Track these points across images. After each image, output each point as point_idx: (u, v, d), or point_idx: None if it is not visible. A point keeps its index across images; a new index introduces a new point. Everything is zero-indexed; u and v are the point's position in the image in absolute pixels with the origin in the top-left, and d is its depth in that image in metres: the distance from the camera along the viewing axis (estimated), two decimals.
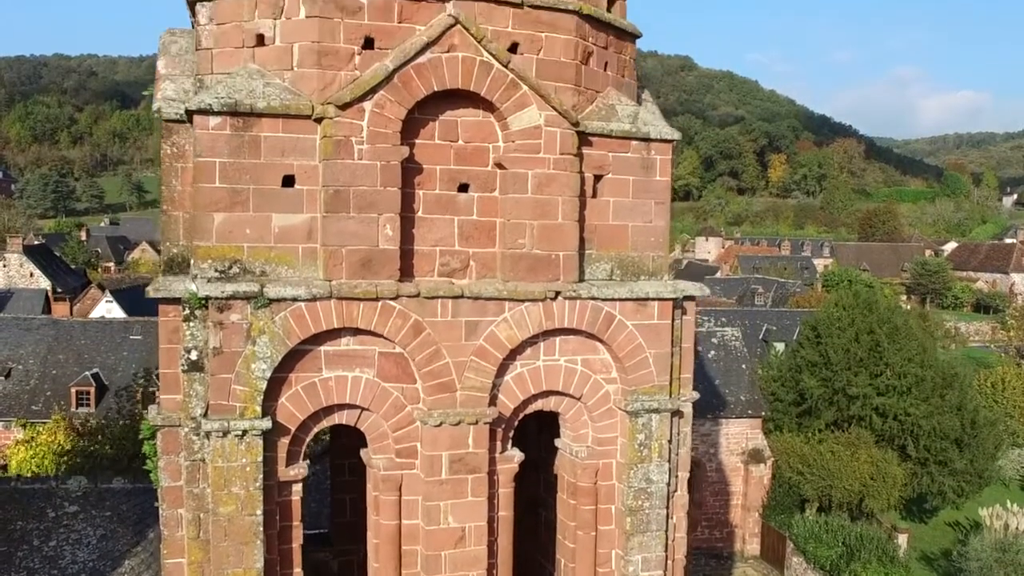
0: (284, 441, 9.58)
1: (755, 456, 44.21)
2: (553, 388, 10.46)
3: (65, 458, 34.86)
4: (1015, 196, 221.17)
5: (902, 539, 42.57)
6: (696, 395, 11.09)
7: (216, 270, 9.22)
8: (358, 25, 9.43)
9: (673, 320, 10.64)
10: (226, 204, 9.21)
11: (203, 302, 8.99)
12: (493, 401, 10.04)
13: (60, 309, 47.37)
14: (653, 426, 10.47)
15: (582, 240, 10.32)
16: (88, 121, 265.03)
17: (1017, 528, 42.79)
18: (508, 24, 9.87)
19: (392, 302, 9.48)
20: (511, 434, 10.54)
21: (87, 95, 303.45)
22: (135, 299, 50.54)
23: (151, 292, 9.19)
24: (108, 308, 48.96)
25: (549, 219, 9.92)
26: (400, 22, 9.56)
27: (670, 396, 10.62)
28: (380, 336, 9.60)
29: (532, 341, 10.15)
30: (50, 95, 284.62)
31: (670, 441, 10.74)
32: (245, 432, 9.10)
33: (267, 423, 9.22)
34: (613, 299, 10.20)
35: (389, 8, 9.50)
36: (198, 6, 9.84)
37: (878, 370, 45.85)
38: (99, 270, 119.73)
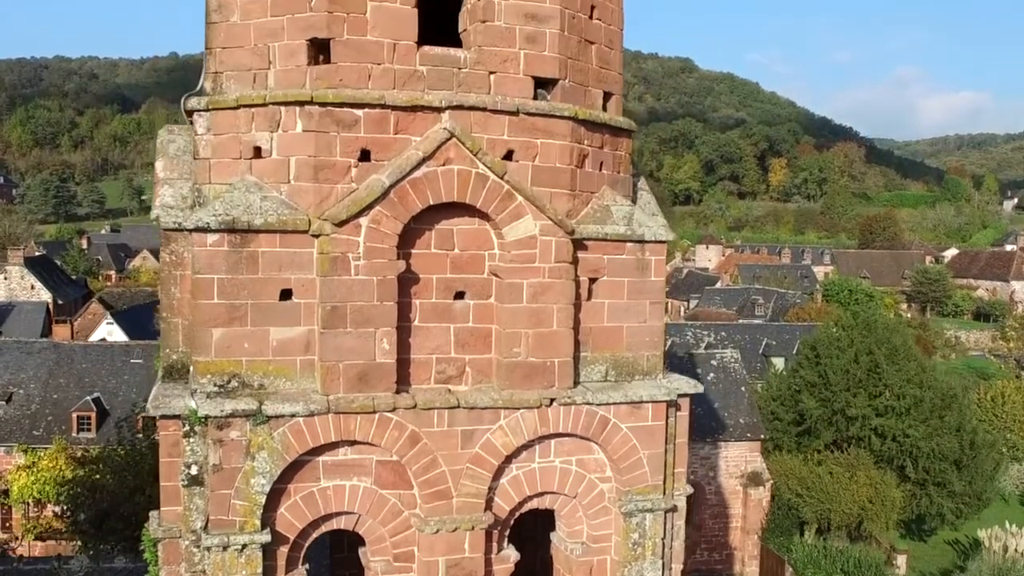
0: (283, 549, 9.70)
1: (754, 479, 44.30)
2: (548, 489, 10.59)
3: (66, 488, 34.96)
4: (1015, 200, 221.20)
5: (901, 560, 42.70)
6: (691, 489, 11.20)
7: (215, 384, 9.34)
8: (354, 138, 9.55)
9: (667, 419, 10.76)
10: (224, 319, 9.33)
11: (203, 420, 9.11)
12: (489, 505, 10.16)
13: (61, 332, 47.47)
14: (647, 525, 10.59)
15: (577, 343, 10.43)
16: (89, 125, 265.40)
17: (1016, 550, 42.91)
18: (503, 132, 9.98)
19: (389, 414, 9.60)
20: (507, 533, 10.65)
21: (88, 98, 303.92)
22: (135, 320, 50.71)
23: (151, 409, 9.32)
24: (109, 330, 49.11)
25: (544, 327, 10.03)
26: (396, 133, 9.67)
27: (664, 495, 10.73)
28: (377, 446, 9.72)
29: (528, 445, 10.27)
30: (51, 99, 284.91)
31: (664, 537, 10.85)
32: (245, 546, 9.22)
33: (266, 536, 9.34)
34: (608, 403, 10.32)
35: (385, 120, 9.61)
36: (195, 116, 9.96)
37: (877, 391, 46.00)
38: (100, 278, 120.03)
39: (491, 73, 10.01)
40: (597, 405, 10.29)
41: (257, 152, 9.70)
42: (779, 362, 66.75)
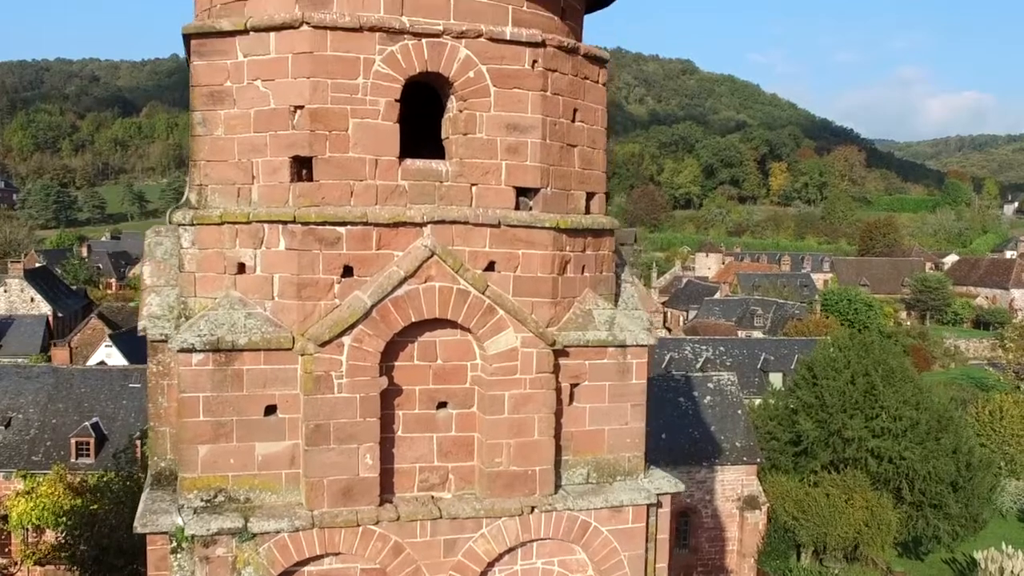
0: None
1: (750, 502, 44.50)
2: None
3: (64, 518, 35.14)
4: (1016, 204, 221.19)
5: None
6: None
7: (202, 500, 9.49)
8: (337, 255, 9.69)
9: (648, 519, 10.90)
10: (210, 436, 9.48)
11: (189, 538, 9.26)
12: None
13: (60, 355, 47.64)
14: None
15: (558, 447, 10.58)
16: (90, 129, 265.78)
17: (1012, 572, 43.08)
18: (485, 244, 10.12)
19: (373, 527, 9.75)
20: None
21: (89, 101, 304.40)
22: (134, 343, 50.88)
23: (138, 527, 9.46)
24: (107, 353, 49.35)
25: (525, 436, 10.18)
26: (378, 249, 9.82)
27: None
28: (361, 556, 9.88)
29: (510, 550, 10.42)
30: (52, 102, 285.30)
31: None
32: None
33: None
34: (589, 508, 10.46)
35: (367, 237, 9.76)
36: (181, 230, 10.10)
37: (873, 412, 46.21)
38: (100, 287, 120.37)
39: (473, 185, 10.16)
40: (578, 511, 10.44)
41: (241, 268, 9.85)
42: (777, 377, 66.92)
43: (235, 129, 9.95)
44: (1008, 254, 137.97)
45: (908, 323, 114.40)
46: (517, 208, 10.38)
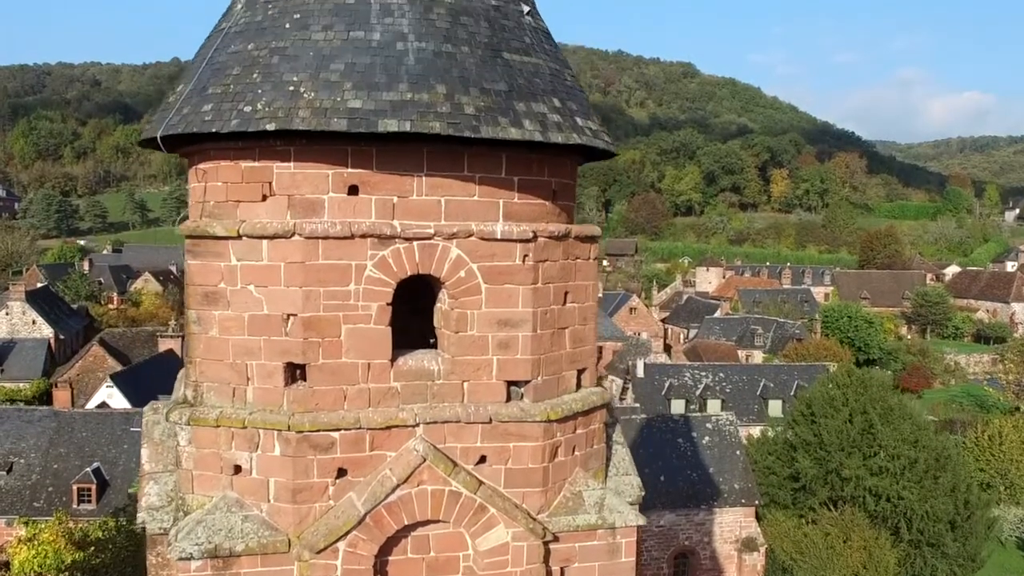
0: None
1: (748, 544, 44.70)
2: None
3: (66, 573, 35.33)
4: (1017, 211, 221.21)
5: None
6: None
7: None
8: (331, 459, 9.86)
9: None
10: None
11: None
12: None
13: (62, 397, 47.83)
14: None
15: None
16: (91, 136, 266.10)
17: None
18: (477, 440, 10.29)
19: None
20: None
21: (90, 107, 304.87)
22: (135, 382, 51.24)
23: None
24: (108, 393, 49.59)
25: None
26: (371, 451, 9.99)
27: None
28: None
29: None
30: (53, 108, 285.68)
31: None
32: None
33: None
34: None
35: (360, 440, 9.93)
36: (178, 428, 10.28)
37: (871, 451, 46.43)
38: (102, 302, 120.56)
39: (464, 381, 10.32)
40: None
41: (238, 469, 10.02)
42: (776, 405, 67.17)
43: (229, 330, 10.12)
44: (1009, 265, 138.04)
45: (909, 337, 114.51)
46: (509, 398, 10.54)
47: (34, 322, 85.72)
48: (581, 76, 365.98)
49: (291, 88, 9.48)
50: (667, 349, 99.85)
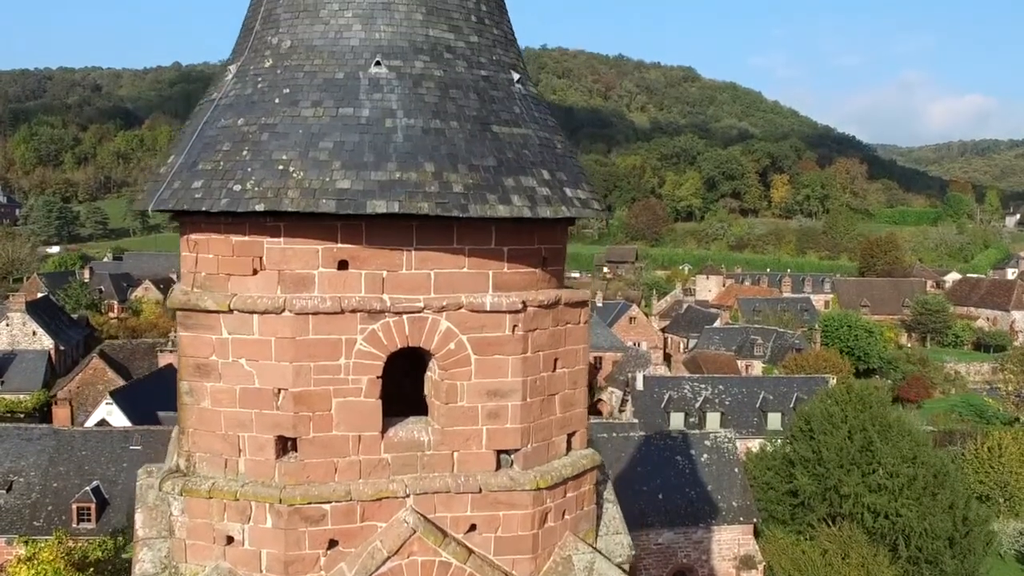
0: None
1: (747, 562, 44.77)
2: None
3: None
4: (1017, 216, 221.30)
5: None
6: None
7: None
8: (322, 531, 9.93)
9: None
10: None
11: None
12: None
13: (61, 415, 47.87)
14: None
15: None
16: (92, 141, 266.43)
17: None
18: (467, 509, 10.36)
19: None
20: None
21: (91, 112, 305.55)
22: (134, 399, 51.35)
23: None
24: (108, 410, 49.70)
25: None
26: (362, 522, 10.06)
27: None
28: None
29: None
30: (54, 113, 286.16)
31: None
32: None
33: None
34: None
35: (351, 512, 10.00)
36: (171, 498, 10.35)
37: (870, 468, 46.46)
38: (103, 311, 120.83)
39: (455, 451, 10.39)
40: None
41: (230, 540, 10.08)
42: (775, 417, 67.18)
43: (221, 402, 10.20)
44: (1009, 272, 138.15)
45: (909, 346, 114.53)
46: (498, 466, 10.61)
47: (34, 333, 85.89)
48: (581, 80, 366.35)
49: (280, 167, 9.56)
50: (667, 359, 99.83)
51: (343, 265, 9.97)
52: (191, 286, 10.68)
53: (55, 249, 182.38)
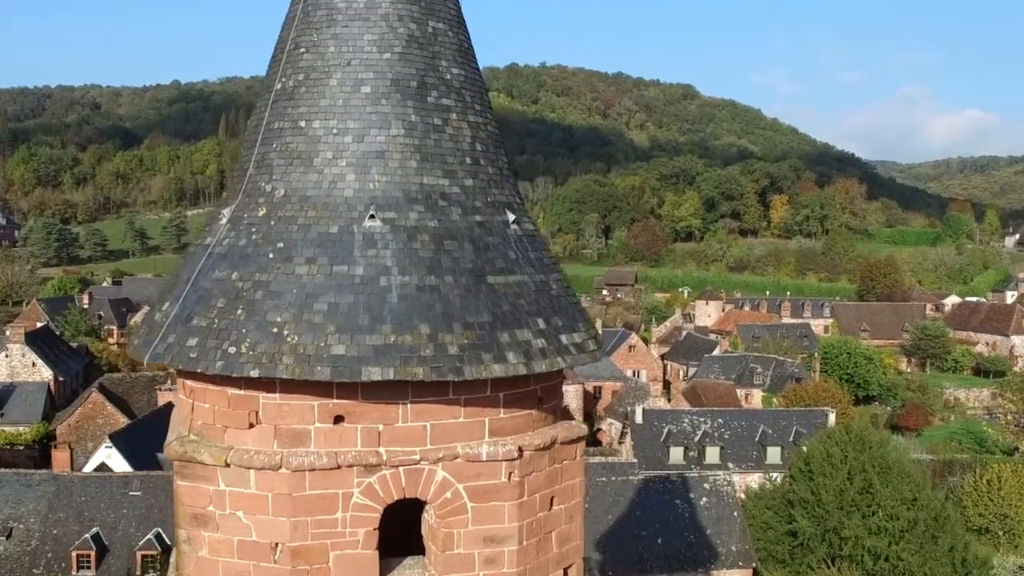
0: None
1: None
2: None
3: None
4: (1017, 236, 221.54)
5: None
6: None
7: None
8: None
9: None
10: None
11: None
12: None
13: (60, 459, 47.81)
14: None
15: None
16: (91, 162, 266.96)
17: None
18: None
19: None
20: None
21: (90, 131, 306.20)
22: (134, 442, 51.30)
23: None
24: (108, 454, 49.63)
25: None
26: None
27: None
28: None
29: None
30: (53, 133, 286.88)
31: None
32: None
33: None
34: None
35: None
36: None
37: (870, 511, 46.35)
38: (102, 337, 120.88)
39: None
40: None
41: None
42: (775, 452, 67.05)
43: (219, 552, 10.19)
44: (1009, 296, 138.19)
45: (908, 371, 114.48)
46: None
47: (34, 364, 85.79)
48: (581, 98, 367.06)
49: (275, 329, 9.60)
50: (666, 387, 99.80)
51: (339, 419, 10.00)
52: (188, 431, 10.72)
53: (54, 270, 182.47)
